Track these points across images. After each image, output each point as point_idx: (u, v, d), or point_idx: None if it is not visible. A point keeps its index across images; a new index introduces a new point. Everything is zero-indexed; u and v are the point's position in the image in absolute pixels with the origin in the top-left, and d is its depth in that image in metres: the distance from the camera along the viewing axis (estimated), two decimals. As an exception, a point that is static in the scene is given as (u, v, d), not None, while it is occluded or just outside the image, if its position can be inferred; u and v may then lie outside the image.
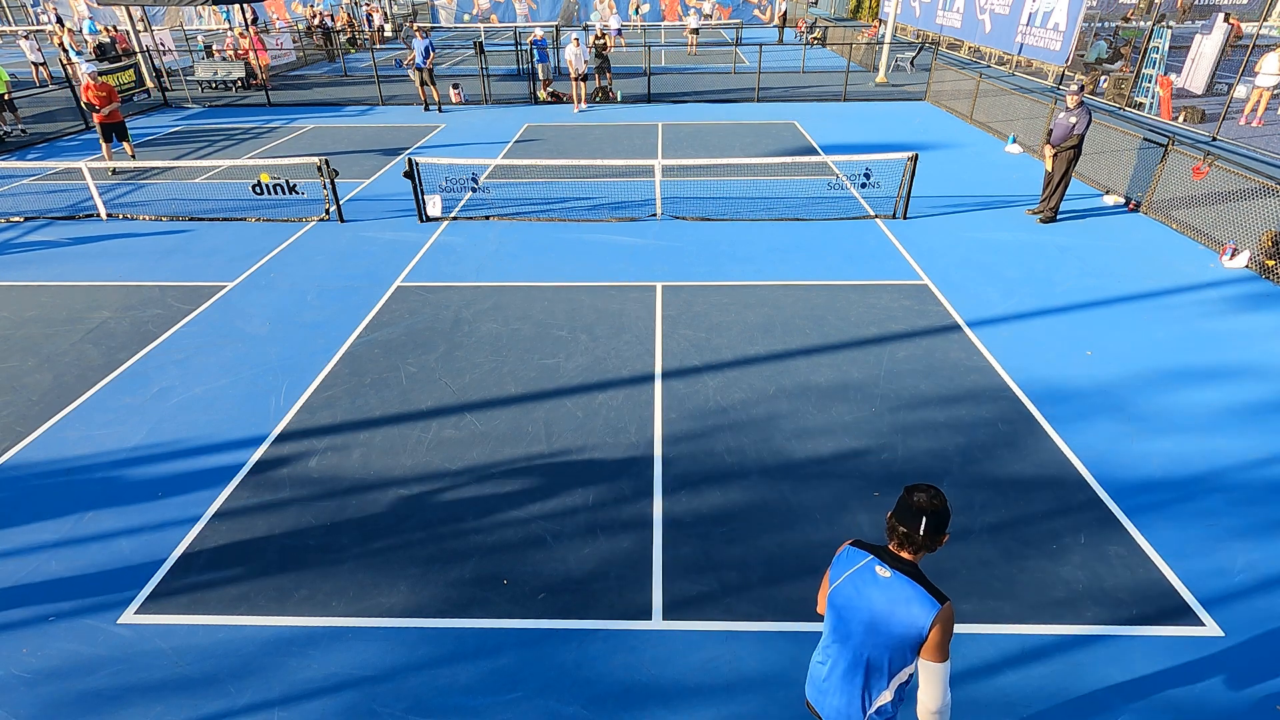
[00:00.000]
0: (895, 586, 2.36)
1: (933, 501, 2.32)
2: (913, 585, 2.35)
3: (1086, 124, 9.30)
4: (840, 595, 2.47)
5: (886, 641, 2.38)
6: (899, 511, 2.39)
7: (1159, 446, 5.45)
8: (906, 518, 2.35)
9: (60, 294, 8.29)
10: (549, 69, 19.10)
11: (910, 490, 2.38)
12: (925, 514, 2.31)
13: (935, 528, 2.33)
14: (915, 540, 2.35)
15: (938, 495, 2.35)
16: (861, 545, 2.53)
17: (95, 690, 3.76)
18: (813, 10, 40.17)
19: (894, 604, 2.35)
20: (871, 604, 2.39)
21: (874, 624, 2.39)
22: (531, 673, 3.83)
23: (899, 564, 2.40)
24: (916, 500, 2.34)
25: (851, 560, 2.48)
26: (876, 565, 2.42)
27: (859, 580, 2.43)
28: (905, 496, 2.37)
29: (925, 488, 2.37)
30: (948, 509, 2.35)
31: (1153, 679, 3.73)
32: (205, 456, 5.54)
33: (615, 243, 9.50)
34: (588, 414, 5.96)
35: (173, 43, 24.05)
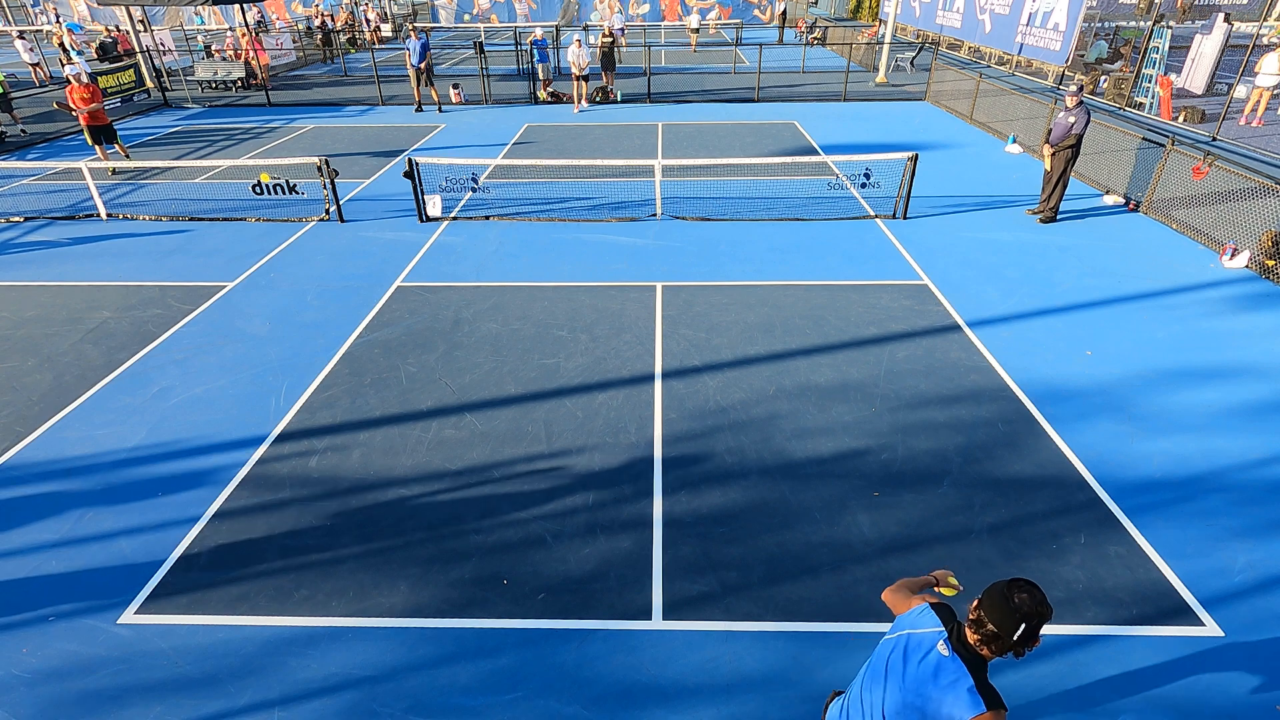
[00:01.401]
0: (948, 669, 2.10)
1: (1038, 607, 2.01)
2: (966, 675, 2.07)
3: (1085, 124, 9.30)
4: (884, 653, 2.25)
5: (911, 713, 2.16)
6: (991, 607, 2.05)
7: (1159, 446, 5.45)
8: (1000, 617, 2.02)
9: (60, 294, 8.29)
10: (549, 69, 19.09)
11: (1011, 588, 2.05)
12: (1026, 620, 2.00)
13: (1031, 634, 2.02)
14: (1002, 643, 2.04)
15: (1043, 599, 2.04)
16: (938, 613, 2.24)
17: (95, 690, 3.76)
18: (813, 10, 40.17)
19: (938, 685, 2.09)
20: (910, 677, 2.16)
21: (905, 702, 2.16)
22: (531, 673, 3.83)
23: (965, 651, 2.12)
24: (1019, 601, 2.01)
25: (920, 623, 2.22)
26: (941, 641, 2.17)
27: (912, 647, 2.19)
28: (1004, 592, 2.05)
29: (1028, 586, 2.05)
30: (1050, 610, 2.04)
31: (1153, 679, 3.73)
32: (205, 456, 5.54)
33: (615, 243, 9.50)
34: (588, 414, 5.96)
35: (173, 43, 24.05)
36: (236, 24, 23.87)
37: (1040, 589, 2.07)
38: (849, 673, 3.79)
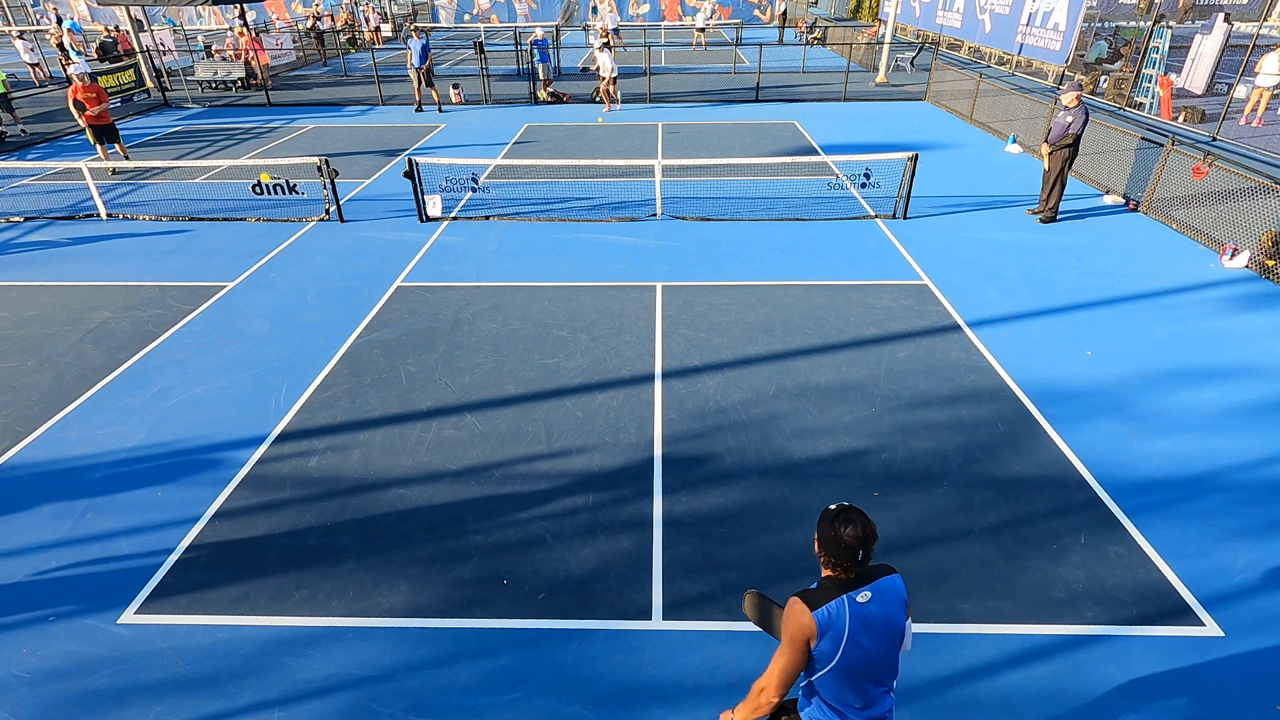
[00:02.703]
0: (878, 596, 2.35)
1: (864, 529, 2.27)
2: (882, 584, 2.37)
3: (1083, 123, 9.30)
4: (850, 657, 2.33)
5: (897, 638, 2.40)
6: (831, 549, 2.29)
7: (1159, 446, 5.45)
8: (842, 553, 2.28)
9: (60, 294, 8.29)
10: (549, 69, 19.08)
11: (836, 524, 2.28)
12: (864, 548, 2.26)
13: (870, 550, 2.29)
14: (856, 569, 2.32)
15: (865, 520, 2.29)
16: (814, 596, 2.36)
17: (95, 690, 3.76)
18: (813, 10, 40.16)
19: (889, 608, 2.36)
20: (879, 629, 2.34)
21: (888, 639, 2.37)
22: (531, 673, 3.83)
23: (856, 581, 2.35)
24: (848, 537, 2.26)
25: (837, 619, 2.31)
26: (855, 599, 2.33)
27: (856, 626, 2.32)
28: (833, 532, 2.28)
29: (850, 518, 2.28)
30: (873, 527, 2.29)
31: (1153, 679, 3.73)
32: (205, 456, 5.54)
33: (615, 243, 9.50)
34: (588, 414, 5.96)
35: (173, 42, 24.05)
36: (236, 24, 23.88)
37: (857, 510, 2.31)
38: (849, 673, 3.79)
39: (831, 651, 2.32)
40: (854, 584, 2.35)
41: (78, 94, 12.19)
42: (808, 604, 2.33)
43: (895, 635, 2.39)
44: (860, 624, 2.32)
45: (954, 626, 4.03)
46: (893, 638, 2.38)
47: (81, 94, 12.17)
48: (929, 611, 4.12)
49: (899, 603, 2.39)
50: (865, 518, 2.29)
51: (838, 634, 2.31)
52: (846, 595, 2.32)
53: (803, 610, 2.32)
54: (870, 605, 2.33)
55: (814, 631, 2.31)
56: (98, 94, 12.37)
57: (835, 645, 2.31)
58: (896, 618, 2.38)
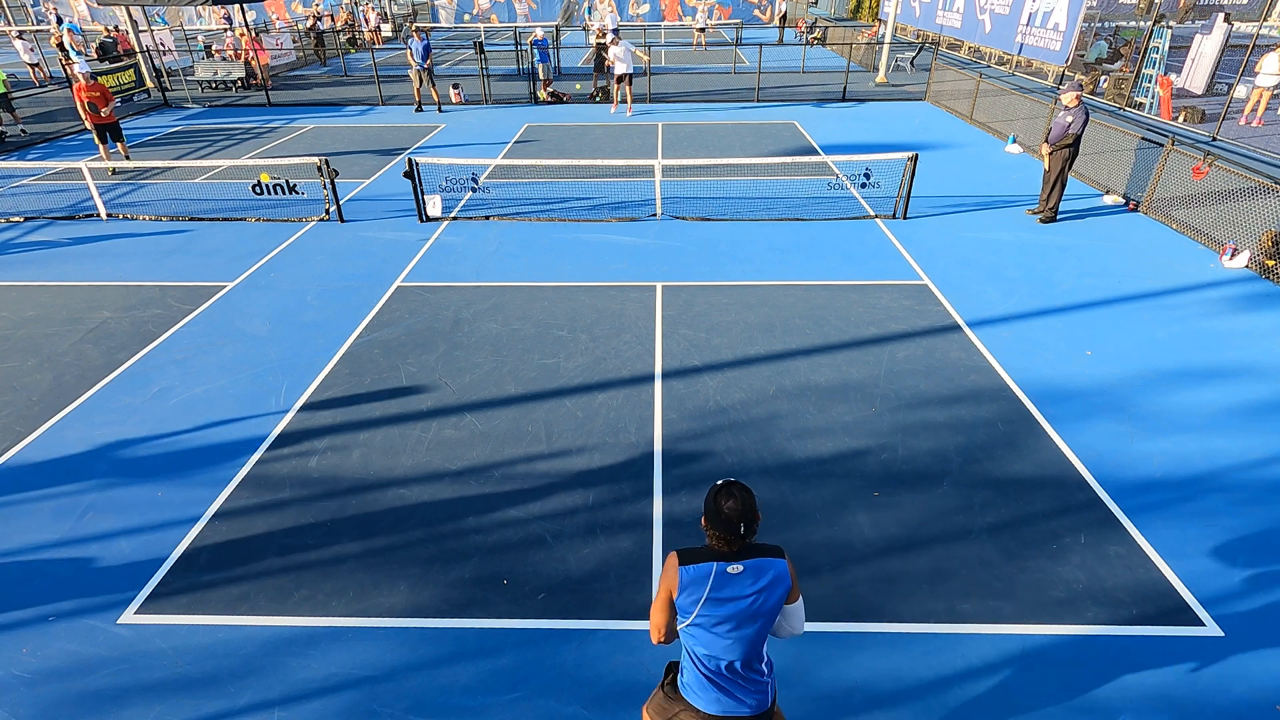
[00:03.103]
0: (751, 573, 2.44)
1: (744, 503, 2.37)
2: (762, 562, 2.46)
3: (1083, 123, 9.30)
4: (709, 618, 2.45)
5: (769, 615, 2.49)
6: (717, 525, 2.39)
7: (1159, 446, 5.45)
8: (721, 525, 2.38)
9: (60, 294, 8.29)
10: (549, 69, 19.08)
11: (718, 498, 2.39)
12: (744, 522, 2.36)
13: (753, 521, 2.39)
14: (738, 543, 2.41)
15: (746, 496, 2.39)
16: (690, 555, 2.48)
17: (95, 690, 3.76)
18: (813, 10, 40.17)
19: (762, 585, 2.44)
20: (745, 600, 2.44)
21: (755, 612, 2.45)
22: (531, 673, 3.83)
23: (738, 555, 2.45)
24: (728, 510, 2.36)
25: (700, 580, 2.43)
26: (726, 569, 2.44)
27: (719, 593, 2.43)
28: (715, 505, 2.39)
29: (732, 492, 2.38)
30: (754, 502, 2.40)
31: (1153, 679, 3.73)
32: (205, 456, 5.54)
33: (615, 243, 9.50)
34: (588, 414, 5.96)
35: (173, 42, 24.05)
36: (236, 24, 23.88)
37: (738, 484, 2.41)
38: (849, 673, 3.79)
39: (688, 608, 2.45)
40: (734, 556, 2.45)
41: (82, 93, 12.20)
42: (680, 558, 2.48)
43: (763, 614, 2.46)
44: (723, 591, 2.42)
45: (954, 626, 4.03)
46: (758, 615, 2.45)
47: (87, 93, 12.18)
48: (929, 611, 4.13)
49: (775, 582, 2.45)
50: (748, 494, 2.40)
51: (697, 593, 2.43)
52: (719, 564, 2.44)
53: (673, 561, 2.49)
54: (740, 577, 2.43)
55: (676, 584, 2.46)
56: (103, 93, 12.37)
57: (693, 603, 2.44)
58: (768, 596, 2.44)
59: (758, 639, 2.52)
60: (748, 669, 2.56)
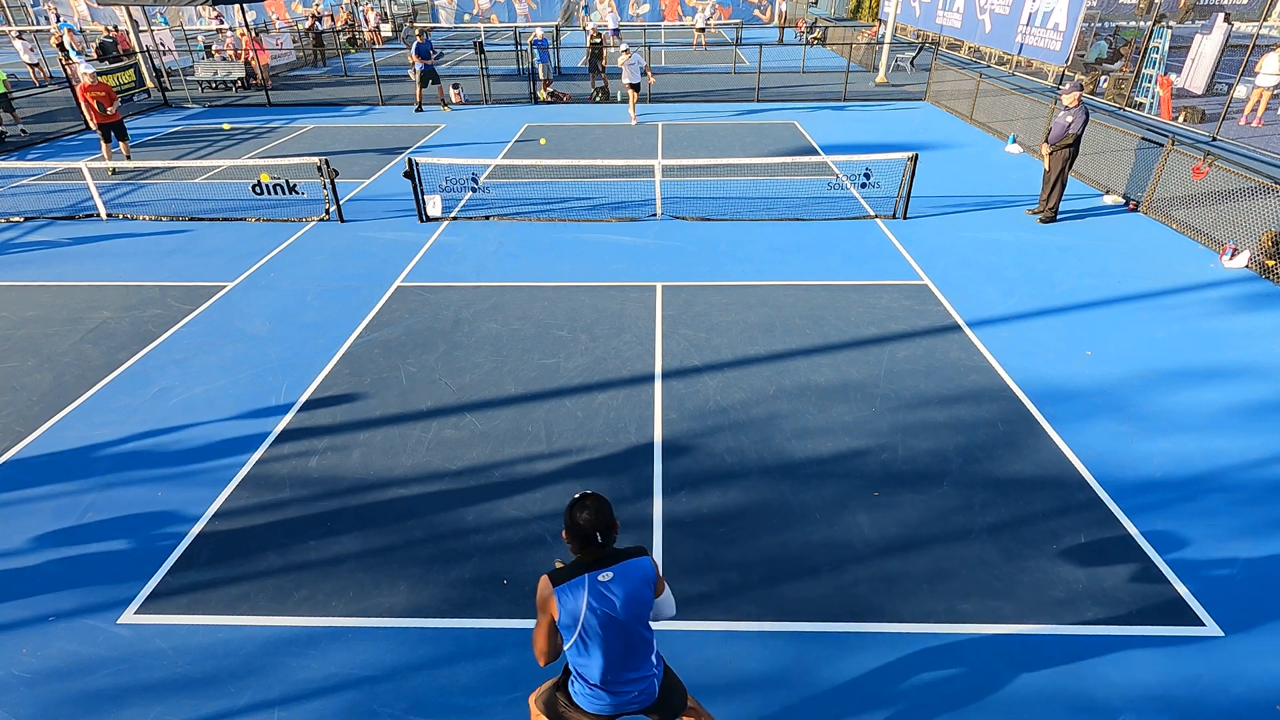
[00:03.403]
0: (621, 577, 2.60)
1: (597, 514, 2.52)
2: (628, 565, 2.62)
3: (1083, 123, 9.30)
4: (591, 627, 2.58)
5: (644, 612, 2.66)
6: (574, 533, 2.54)
7: (1159, 446, 5.45)
8: (578, 535, 2.53)
9: (60, 294, 8.29)
10: (549, 69, 19.09)
11: (573, 511, 2.53)
12: (600, 531, 2.52)
13: (610, 531, 2.55)
14: (599, 550, 2.57)
15: (600, 507, 2.53)
16: (560, 575, 2.60)
17: (95, 690, 3.76)
18: (813, 10, 40.17)
19: (632, 587, 2.60)
20: (620, 604, 2.59)
21: (631, 613, 2.61)
22: (531, 673, 3.82)
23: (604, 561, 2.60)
24: (584, 521, 2.51)
25: (575, 595, 2.56)
26: (597, 578, 2.58)
27: (595, 602, 2.56)
28: (571, 518, 2.53)
29: (585, 504, 2.52)
30: (609, 512, 2.55)
31: (1153, 679, 3.73)
32: (205, 456, 5.54)
33: (615, 243, 9.50)
34: (588, 414, 5.96)
35: (173, 42, 24.04)
36: (236, 24, 23.87)
37: (593, 497, 2.54)
38: (849, 673, 3.79)
39: (571, 623, 2.58)
40: (600, 564, 2.59)
41: (87, 93, 12.18)
42: (552, 580, 2.59)
43: (639, 610, 2.63)
44: (599, 600, 2.56)
45: (954, 626, 4.03)
46: (635, 613, 2.62)
47: (92, 93, 12.16)
48: (929, 611, 4.13)
49: (644, 580, 2.63)
50: (601, 505, 2.53)
51: (575, 609, 2.56)
52: (589, 574, 2.58)
53: (546, 585, 2.59)
54: (612, 584, 2.58)
55: (555, 604, 2.57)
56: (107, 92, 12.35)
57: (574, 618, 2.57)
58: (640, 594, 2.62)
59: (639, 637, 2.68)
60: (636, 667, 2.73)
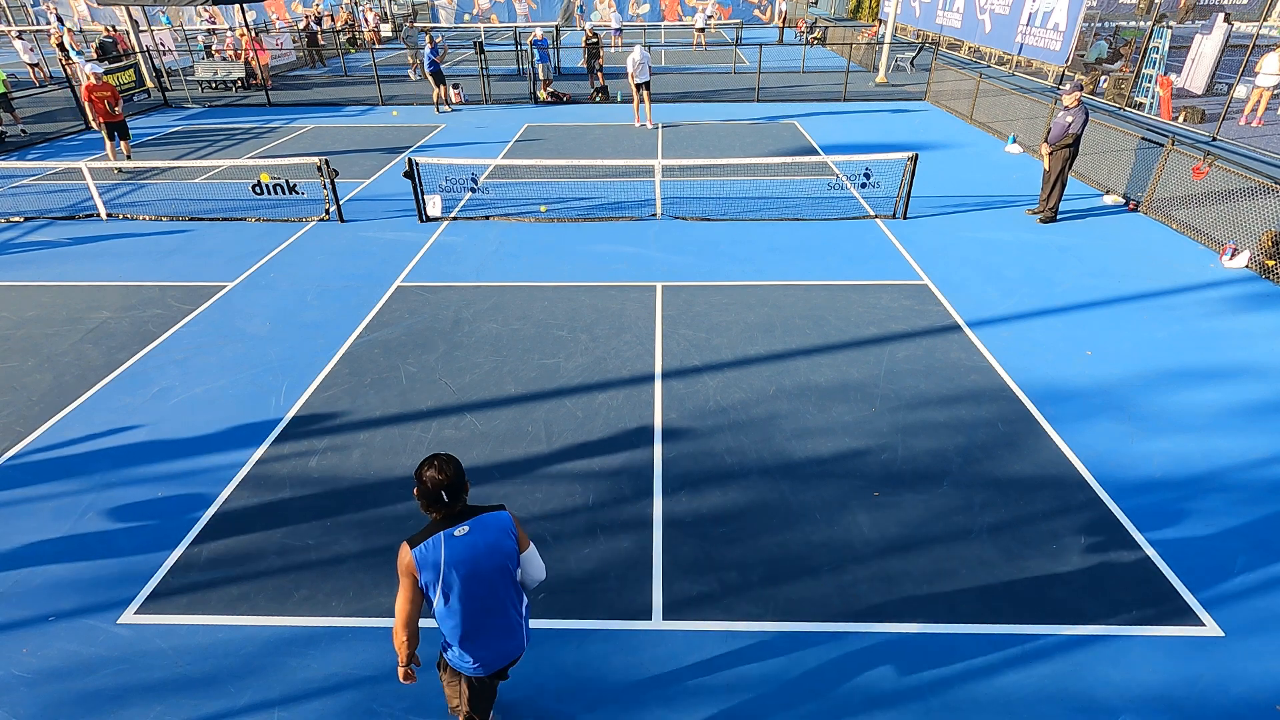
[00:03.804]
0: (477, 529, 2.69)
1: (445, 473, 2.60)
2: (484, 518, 2.72)
3: (1083, 124, 9.30)
4: (453, 582, 2.66)
5: (507, 564, 2.75)
6: (423, 493, 2.62)
7: (1159, 446, 5.45)
8: (427, 494, 2.61)
9: (60, 294, 8.29)
10: (549, 69, 19.08)
11: (421, 470, 2.62)
12: (446, 490, 2.60)
13: (458, 490, 2.63)
14: (450, 509, 2.65)
15: (447, 465, 2.61)
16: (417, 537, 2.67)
17: (95, 690, 3.76)
18: (813, 10, 40.17)
19: (490, 538, 2.70)
20: (479, 556, 2.68)
21: (493, 565, 2.71)
22: (531, 673, 3.82)
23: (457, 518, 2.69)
24: (429, 480, 2.59)
25: (434, 553, 2.63)
26: (453, 534, 2.66)
27: (454, 556, 2.64)
28: (419, 477, 2.62)
29: (433, 463, 2.61)
30: (456, 471, 2.63)
31: (1153, 679, 3.73)
32: (205, 456, 5.54)
33: (615, 242, 9.50)
34: (588, 414, 5.96)
35: (173, 42, 24.04)
36: (236, 24, 23.87)
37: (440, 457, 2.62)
38: (850, 673, 3.79)
39: (433, 581, 2.65)
40: (456, 520, 2.68)
41: (93, 93, 12.12)
42: (409, 543, 2.67)
43: (501, 561, 2.73)
44: (458, 555, 2.65)
45: (954, 626, 4.03)
46: (498, 565, 2.72)
47: (96, 93, 12.12)
48: (929, 611, 4.13)
49: (502, 531, 2.73)
50: (448, 464, 2.62)
51: (435, 565, 2.63)
52: (444, 532, 2.65)
53: (404, 549, 2.66)
54: (468, 536, 2.67)
55: (414, 566, 2.64)
56: (112, 92, 12.32)
57: (435, 575, 2.64)
58: (500, 544, 2.72)
59: (503, 589, 2.77)
60: (503, 620, 2.82)
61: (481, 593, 2.71)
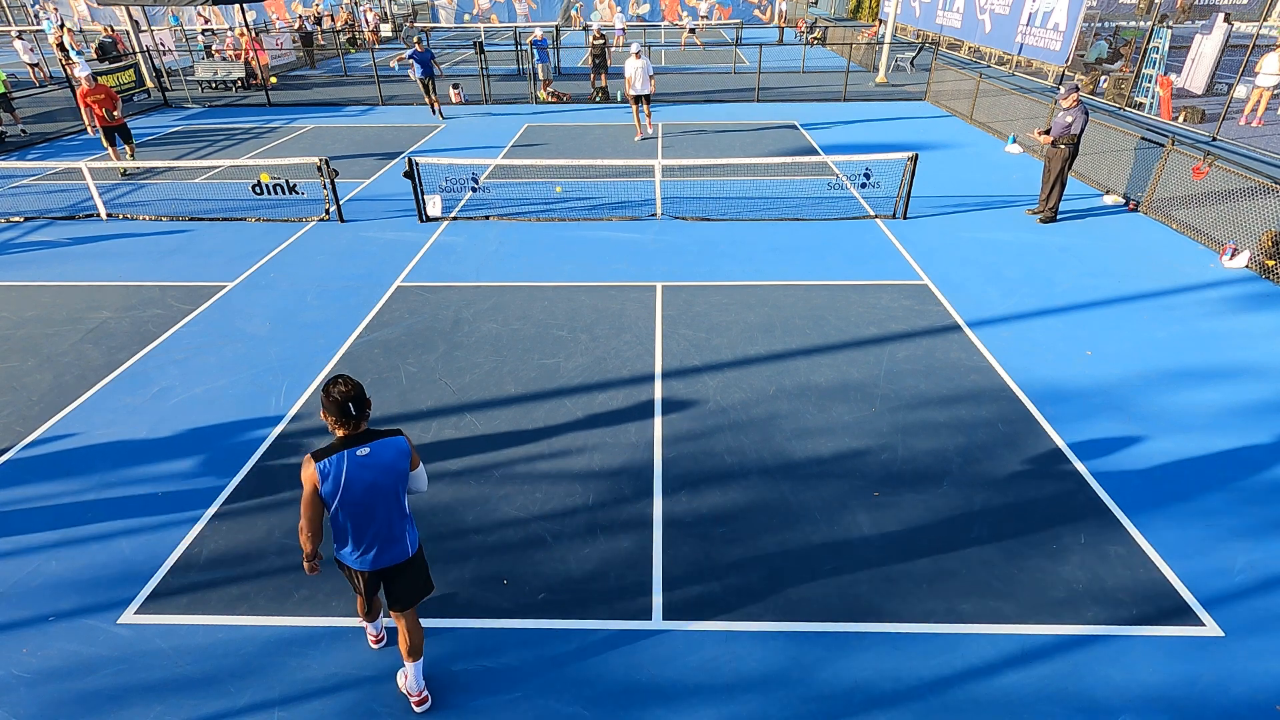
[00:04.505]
0: (377, 450, 3.10)
1: (350, 387, 3.00)
2: (384, 441, 3.14)
3: (1083, 124, 9.31)
4: (351, 495, 3.08)
5: (398, 484, 3.19)
6: (331, 410, 3.00)
7: (1159, 446, 5.45)
8: (333, 408, 3.00)
9: (60, 294, 8.29)
10: (549, 69, 19.08)
11: (327, 386, 3.01)
12: (353, 403, 3.00)
13: (361, 404, 3.04)
14: (354, 425, 3.05)
15: (351, 382, 3.02)
16: (322, 452, 3.06)
17: (95, 690, 3.76)
18: (813, 10, 40.16)
19: (388, 459, 3.13)
20: (376, 474, 3.10)
21: (387, 483, 3.14)
22: (531, 673, 3.83)
23: (359, 439, 3.09)
24: (338, 393, 2.98)
25: (335, 467, 3.04)
26: (355, 453, 3.06)
27: (354, 473, 3.06)
28: (326, 398, 3.00)
29: (338, 380, 3.02)
30: (361, 389, 3.05)
31: (1153, 679, 3.73)
32: (205, 457, 5.54)
33: (615, 243, 9.50)
34: (588, 414, 5.96)
35: (173, 42, 24.04)
36: (236, 24, 23.87)
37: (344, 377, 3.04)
38: (850, 673, 3.79)
39: (333, 492, 3.06)
40: (358, 441, 3.08)
41: (87, 97, 11.91)
42: (313, 457, 3.06)
43: (393, 481, 3.16)
44: (357, 471, 3.06)
45: (954, 626, 4.03)
46: (390, 484, 3.15)
47: (90, 96, 11.90)
48: (929, 611, 4.13)
49: (398, 453, 3.16)
50: (351, 381, 3.03)
51: (336, 478, 3.04)
52: (348, 450, 3.06)
53: (308, 461, 3.06)
54: (368, 458, 3.08)
55: (317, 478, 3.04)
56: (107, 94, 12.04)
57: (335, 487, 3.05)
58: (396, 464, 3.15)
59: (393, 505, 3.21)
60: (389, 530, 3.25)
61: (372, 506, 3.13)
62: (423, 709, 3.63)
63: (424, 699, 3.62)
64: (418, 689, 3.60)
